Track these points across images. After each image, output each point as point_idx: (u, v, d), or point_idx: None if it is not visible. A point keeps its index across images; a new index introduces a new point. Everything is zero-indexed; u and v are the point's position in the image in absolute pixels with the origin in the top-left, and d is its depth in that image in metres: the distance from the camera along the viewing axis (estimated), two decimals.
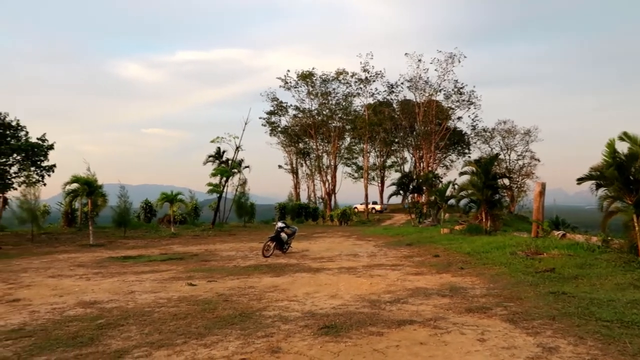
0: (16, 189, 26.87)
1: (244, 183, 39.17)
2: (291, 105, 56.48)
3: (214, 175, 35.91)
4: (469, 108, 52.64)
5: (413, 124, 54.77)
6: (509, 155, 56.52)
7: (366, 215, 50.09)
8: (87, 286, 10.39)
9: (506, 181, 50.35)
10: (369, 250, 17.83)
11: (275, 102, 56.35)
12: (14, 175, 27.54)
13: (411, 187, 39.07)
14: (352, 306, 7.81)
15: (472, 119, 53.80)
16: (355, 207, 53.22)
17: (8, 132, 27.24)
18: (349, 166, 62.00)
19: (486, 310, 7.28)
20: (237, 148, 37.70)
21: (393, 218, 48.04)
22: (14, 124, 27.77)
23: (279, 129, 58.04)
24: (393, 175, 59.95)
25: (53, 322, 7.09)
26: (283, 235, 16.36)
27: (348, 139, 59.24)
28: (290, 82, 54.04)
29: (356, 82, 53.18)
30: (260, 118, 57.27)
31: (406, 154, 61.44)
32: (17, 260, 16.26)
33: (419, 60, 50.80)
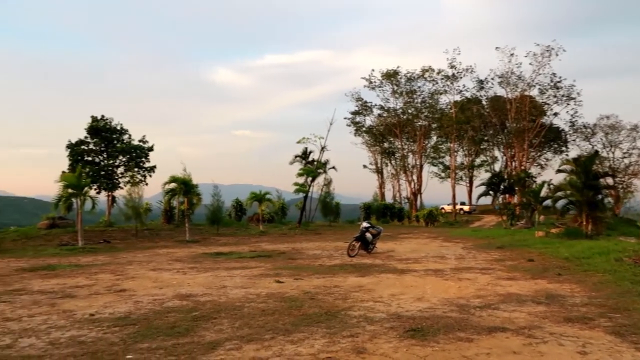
0: (122, 188, 29.38)
1: (329, 183, 39.66)
2: (376, 104, 56.22)
3: (300, 175, 36.71)
4: (568, 103, 49.14)
5: (504, 121, 52.19)
6: (613, 153, 52.03)
7: (454, 216, 48.58)
8: (183, 280, 11.06)
9: (610, 181, 46.32)
10: (457, 252, 17.27)
11: (360, 102, 56.37)
12: (120, 175, 30.08)
13: (502, 187, 37.24)
14: (440, 310, 7.61)
15: (571, 115, 50.16)
16: (442, 208, 51.78)
17: (114, 136, 29.78)
18: (435, 165, 60.43)
19: (588, 321, 6.75)
20: (323, 148, 38.26)
21: (482, 219, 46.14)
22: (118, 127, 30.31)
23: (364, 128, 57.99)
24: (482, 175, 57.57)
25: (154, 312, 7.62)
26: (368, 235, 16.31)
27: (434, 138, 57.78)
28: (374, 81, 53.81)
29: (443, 79, 51.77)
30: (345, 118, 57.66)
31: (496, 153, 58.75)
32: (124, 253, 17.72)
33: (511, 55, 48.33)
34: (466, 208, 55.02)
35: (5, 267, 13.76)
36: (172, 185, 26.29)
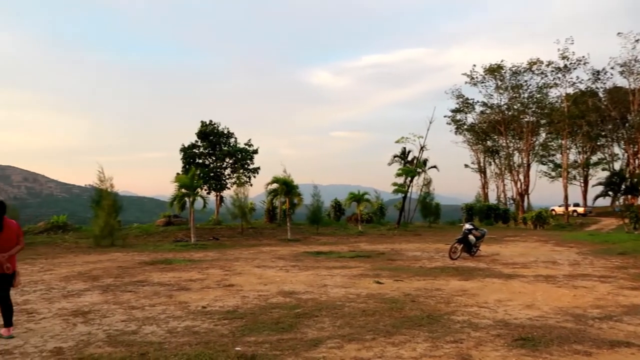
0: (229, 188, 31.12)
1: (428, 183, 38.74)
2: (478, 101, 53.78)
3: (399, 175, 36.31)
4: None
5: (625, 114, 47.34)
6: None
7: (566, 218, 45.01)
8: (286, 277, 11.45)
9: None
10: (571, 257, 15.99)
11: (461, 99, 54.31)
12: (227, 177, 31.89)
13: (623, 187, 33.77)
14: (552, 319, 7.10)
15: None
16: (553, 210, 48.22)
17: (222, 139, 31.63)
18: (544, 164, 56.36)
19: None
20: (422, 148, 37.51)
21: (600, 222, 42.22)
22: (225, 132, 32.14)
23: (465, 126, 55.80)
24: (599, 174, 52.70)
25: (259, 307, 7.98)
26: (471, 237, 15.69)
27: (543, 135, 53.92)
28: (476, 77, 51.51)
29: (553, 71, 48.11)
30: (445, 116, 55.87)
31: (616, 149, 53.48)
32: (231, 250, 18.76)
33: (637, 41, 43.65)
34: (580, 210, 50.71)
35: (130, 260, 15.21)
36: (275, 185, 27.31)
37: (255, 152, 32.55)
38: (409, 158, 40.29)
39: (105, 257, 16.18)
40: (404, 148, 40.11)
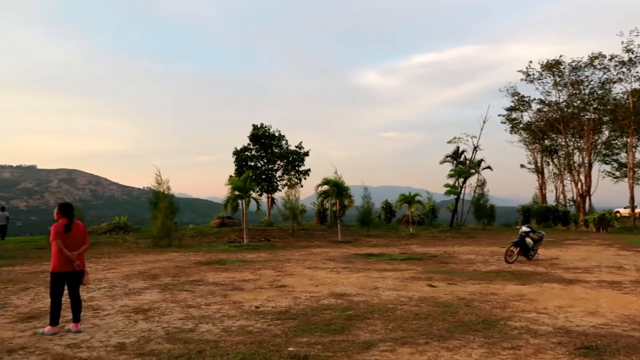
0: (280, 190, 31.56)
1: (482, 184, 37.67)
2: (534, 99, 51.73)
3: (451, 176, 35.54)
4: None
5: None
6: None
7: (632, 221, 42.51)
8: (337, 279, 11.47)
9: None
10: (638, 262, 15.09)
11: (516, 97, 52.44)
12: (278, 178, 32.35)
13: None
14: (618, 327, 6.73)
15: None
16: (617, 212, 45.66)
17: (273, 142, 32.14)
18: (607, 164, 53.40)
19: None
20: (475, 148, 36.55)
21: None
22: (276, 134, 32.64)
23: (521, 125, 53.83)
24: None
25: (311, 308, 8.04)
26: (528, 240, 15.13)
27: (606, 133, 51.20)
28: (533, 74, 49.60)
29: (616, 65, 45.62)
30: (499, 115, 54.10)
31: None
32: (282, 251, 19.00)
33: None
34: None
35: (186, 260, 15.72)
36: (325, 187, 27.44)
37: (306, 154, 32.85)
38: (462, 158, 39.33)
39: (163, 256, 16.81)
40: (457, 148, 39.24)
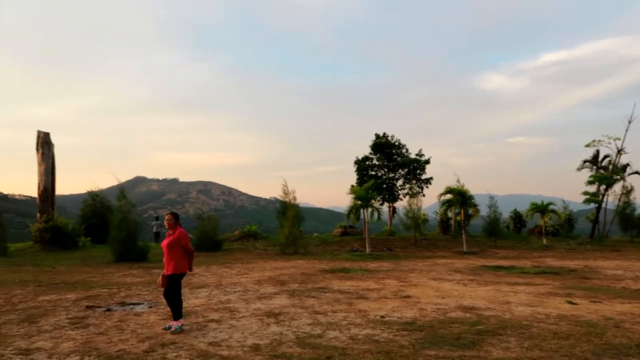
0: (401, 199, 31.29)
1: (629, 191, 33.62)
2: None
3: (591, 182, 32.33)
4: None
5: None
6: None
7: None
8: (464, 291, 11.02)
9: None
10: None
11: None
12: (399, 188, 32.12)
13: None
14: None
15: None
16: None
17: (394, 151, 32.03)
18: None
19: None
20: (619, 151, 32.85)
21: None
22: (397, 143, 32.48)
23: None
24: None
25: (438, 321, 7.83)
26: None
27: None
28: None
29: None
30: None
31: None
32: (405, 261, 18.78)
33: None
34: None
35: (311, 267, 16.26)
36: (448, 196, 26.61)
37: (427, 162, 32.22)
38: (604, 163, 35.59)
39: (289, 263, 17.58)
40: (597, 152, 35.59)
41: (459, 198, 25.55)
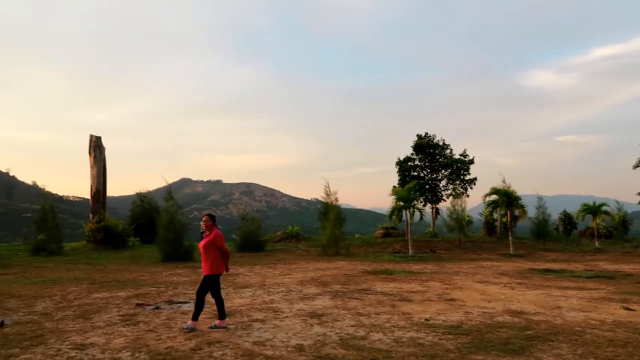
0: (445, 200, 30.75)
1: None
2: None
3: None
4: None
5: None
6: None
7: None
8: (512, 295, 10.71)
9: None
10: None
11: None
12: (443, 188, 31.58)
13: None
14: None
15: None
16: None
17: (437, 151, 31.52)
18: None
19: None
20: None
21: None
22: (440, 143, 31.95)
23: None
24: None
25: (485, 325, 7.63)
26: None
27: None
28: None
29: None
30: None
31: None
32: (449, 263, 18.43)
33: None
34: None
35: (354, 269, 16.21)
36: (494, 197, 25.93)
37: (471, 162, 31.54)
38: None
39: (331, 264, 17.59)
40: None
41: (505, 199, 24.85)
